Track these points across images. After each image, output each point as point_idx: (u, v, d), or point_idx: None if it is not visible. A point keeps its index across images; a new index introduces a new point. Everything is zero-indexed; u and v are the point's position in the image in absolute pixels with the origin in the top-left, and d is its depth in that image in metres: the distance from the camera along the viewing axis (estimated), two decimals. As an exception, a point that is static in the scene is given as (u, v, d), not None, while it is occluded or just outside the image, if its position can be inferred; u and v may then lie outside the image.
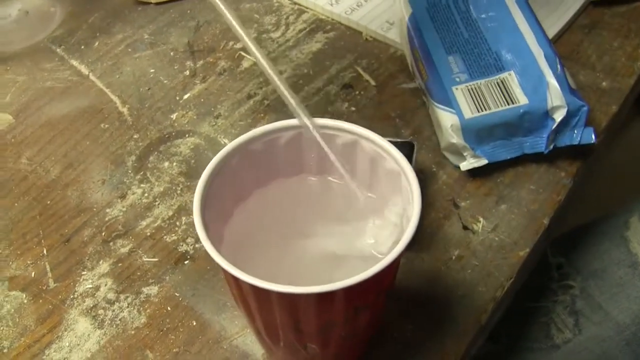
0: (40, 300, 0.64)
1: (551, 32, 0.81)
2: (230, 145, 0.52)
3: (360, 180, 0.54)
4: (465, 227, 0.67)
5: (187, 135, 0.75)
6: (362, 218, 0.53)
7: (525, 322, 0.86)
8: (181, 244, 0.67)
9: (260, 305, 0.49)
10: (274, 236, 0.54)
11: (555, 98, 0.69)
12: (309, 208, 0.56)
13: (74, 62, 0.83)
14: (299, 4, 0.87)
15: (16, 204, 0.70)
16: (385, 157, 0.52)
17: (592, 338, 0.82)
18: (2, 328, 0.62)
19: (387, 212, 0.53)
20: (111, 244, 0.67)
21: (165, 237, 0.67)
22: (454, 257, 0.65)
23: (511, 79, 0.71)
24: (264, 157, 0.54)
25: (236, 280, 0.46)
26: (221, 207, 0.52)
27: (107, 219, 0.69)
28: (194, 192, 0.68)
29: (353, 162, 0.54)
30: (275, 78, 0.52)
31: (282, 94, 0.51)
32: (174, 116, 0.77)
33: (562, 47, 0.81)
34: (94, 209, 0.69)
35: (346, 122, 0.53)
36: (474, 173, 0.70)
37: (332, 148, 0.54)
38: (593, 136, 0.70)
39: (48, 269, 0.65)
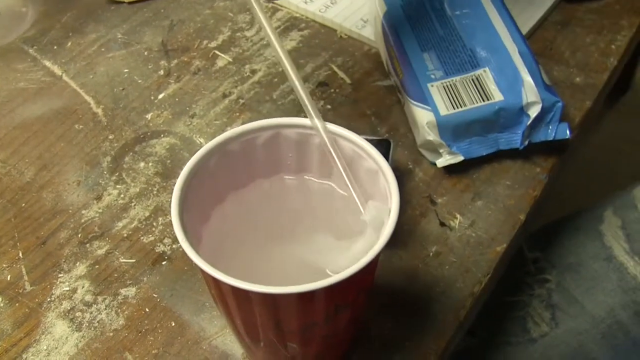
0: (17, 304, 0.63)
1: (525, 29, 0.81)
2: (208, 146, 0.52)
3: (339, 181, 0.54)
4: (442, 224, 0.67)
5: (162, 135, 0.74)
6: (342, 219, 0.53)
7: (503, 316, 0.86)
8: (158, 244, 0.66)
9: (240, 306, 0.48)
10: (253, 238, 0.54)
11: (530, 94, 0.69)
12: (288, 208, 0.56)
13: (47, 63, 0.82)
14: (274, 2, 0.87)
15: (-10, 207, 0.70)
16: (363, 157, 0.52)
17: (568, 331, 0.82)
18: (-22, 332, 0.62)
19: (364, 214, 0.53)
20: (88, 245, 0.66)
21: (142, 238, 0.67)
22: (431, 254, 0.65)
23: (486, 75, 0.71)
24: (241, 157, 0.54)
25: (215, 281, 0.45)
26: (199, 208, 0.52)
27: (83, 220, 0.68)
28: (170, 193, 0.68)
29: (331, 163, 0.54)
30: (294, 78, 0.52)
31: (297, 92, 0.52)
32: (149, 116, 0.76)
33: (535, 43, 0.82)
34: (70, 211, 0.69)
35: (326, 123, 0.53)
36: (450, 170, 0.70)
37: (309, 148, 0.54)
38: (568, 131, 0.70)
39: (24, 272, 0.65)
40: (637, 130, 1.78)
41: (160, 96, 0.78)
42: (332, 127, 0.52)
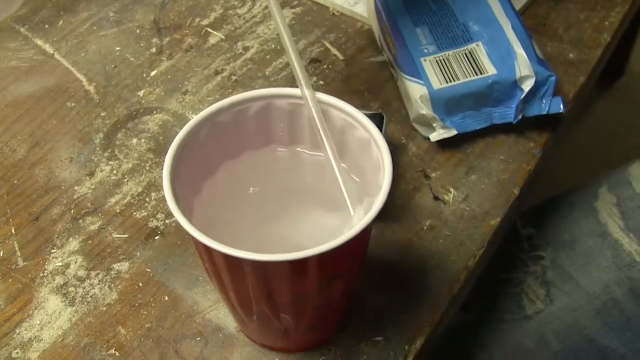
0: (10, 280, 0.63)
1: (518, 5, 0.81)
2: (199, 117, 0.51)
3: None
4: (436, 198, 0.67)
5: (154, 112, 0.74)
6: (334, 190, 0.53)
7: (497, 293, 0.86)
8: (151, 219, 0.66)
9: (233, 276, 0.48)
10: (244, 209, 0.54)
11: (524, 68, 0.69)
12: (279, 180, 0.56)
13: (39, 42, 0.82)
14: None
15: (-18, 184, 0.70)
16: (355, 126, 0.51)
17: (563, 308, 0.82)
18: (-29, 308, 0.61)
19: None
20: (80, 221, 0.66)
21: (135, 213, 0.67)
22: (425, 228, 0.65)
23: (479, 49, 0.71)
24: (232, 129, 0.53)
25: (208, 250, 0.45)
26: (191, 180, 0.52)
27: (75, 196, 0.68)
28: (162, 168, 0.68)
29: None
30: (290, 48, 0.51)
31: (290, 60, 0.52)
32: (141, 93, 0.76)
33: (529, 19, 0.82)
34: (62, 187, 0.69)
35: (316, 92, 0.53)
36: (443, 144, 0.70)
37: (301, 119, 0.53)
38: (561, 106, 0.70)
39: (17, 248, 0.65)
40: (631, 114, 1.78)
41: (153, 73, 0.78)
42: (322, 96, 0.52)
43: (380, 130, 0.65)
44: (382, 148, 0.49)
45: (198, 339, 0.59)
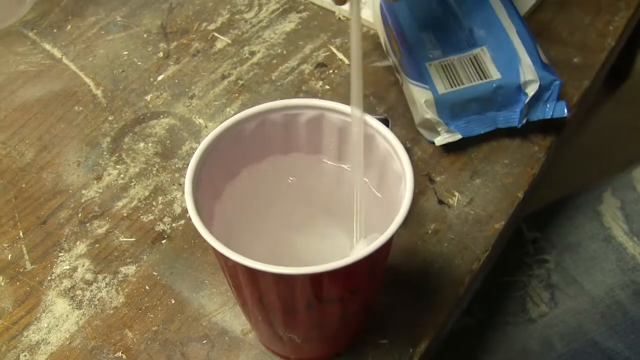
0: (18, 283, 0.63)
1: (523, 10, 0.81)
2: (223, 125, 0.52)
3: (328, 153, 0.55)
4: (440, 202, 0.67)
5: (161, 116, 0.75)
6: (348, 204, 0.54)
7: (502, 296, 0.87)
8: (158, 223, 0.67)
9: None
10: (265, 214, 0.55)
11: (528, 72, 0.69)
12: (300, 187, 0.56)
13: (47, 46, 0.82)
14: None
15: (-9, 188, 0.70)
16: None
17: (567, 311, 0.83)
18: (-21, 311, 0.62)
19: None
20: (88, 225, 0.67)
21: (141, 217, 0.67)
22: (430, 231, 0.65)
23: (484, 54, 0.71)
24: (255, 137, 0.54)
25: (230, 264, 0.46)
26: (211, 185, 0.52)
27: (83, 200, 0.69)
28: (170, 172, 0.69)
29: (319, 136, 0.54)
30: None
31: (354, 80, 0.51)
32: (148, 97, 0.76)
33: (533, 24, 0.82)
34: (70, 191, 0.69)
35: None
36: (448, 148, 0.71)
37: (297, 126, 0.54)
38: (565, 110, 0.71)
39: (25, 252, 0.65)
40: (636, 117, 1.78)
41: (160, 78, 0.78)
42: (315, 101, 0.54)
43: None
44: (404, 161, 0.49)
45: (204, 342, 0.59)
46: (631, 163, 0.90)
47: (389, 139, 0.51)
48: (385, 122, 0.67)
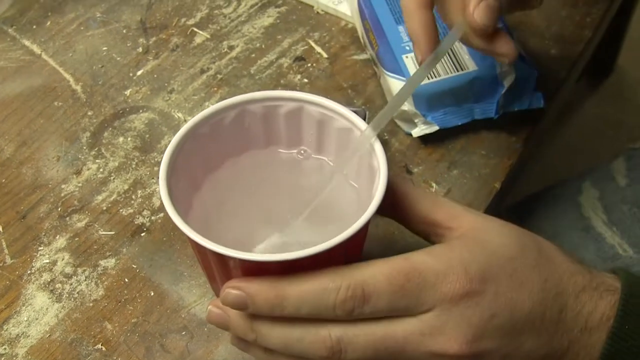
0: (-3, 277, 0.64)
1: (500, 2, 0.82)
2: (202, 114, 0.52)
3: (308, 146, 0.55)
4: (418, 192, 0.68)
5: (141, 111, 0.75)
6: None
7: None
8: (137, 216, 0.67)
9: (204, 263, 0.50)
10: (242, 208, 0.55)
11: (504, 64, 0.70)
12: (279, 180, 0.57)
13: (26, 42, 0.83)
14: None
15: (-29, 183, 0.70)
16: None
17: (547, 301, 0.83)
18: (-41, 305, 0.62)
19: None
20: (67, 219, 0.67)
21: (121, 210, 0.67)
22: (407, 222, 0.66)
23: (460, 46, 0.72)
24: (234, 129, 0.54)
25: (192, 242, 0.46)
26: (190, 176, 0.52)
27: (62, 194, 0.69)
28: (149, 166, 0.69)
29: (298, 128, 0.55)
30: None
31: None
32: (127, 92, 0.77)
33: (512, 16, 0.82)
34: (50, 185, 0.69)
35: (288, 91, 0.54)
36: (425, 140, 0.71)
37: (276, 117, 0.54)
38: (542, 101, 0.71)
39: (4, 246, 0.65)
40: (620, 111, 1.79)
41: (139, 73, 0.79)
42: (295, 93, 0.54)
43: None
44: (379, 155, 0.50)
45: (183, 333, 0.60)
46: (614, 157, 0.91)
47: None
48: (362, 114, 0.67)
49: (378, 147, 0.50)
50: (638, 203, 0.84)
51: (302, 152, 0.56)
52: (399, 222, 0.54)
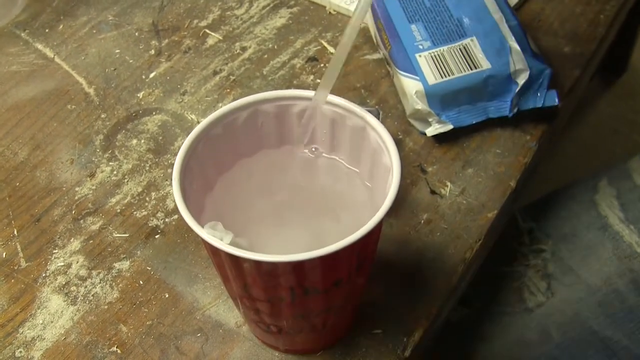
0: (12, 280, 0.64)
1: (513, 1, 0.82)
2: (214, 114, 0.52)
3: (321, 145, 0.55)
4: (433, 192, 0.68)
5: (154, 113, 0.75)
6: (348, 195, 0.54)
7: (499, 287, 0.87)
8: (151, 218, 0.67)
9: (219, 266, 0.49)
10: (255, 208, 0.55)
11: (518, 62, 0.70)
12: (292, 180, 0.56)
13: (39, 46, 0.83)
14: None
15: (-15, 187, 0.71)
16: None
17: (564, 300, 0.83)
18: (-26, 308, 0.62)
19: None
20: (81, 221, 0.67)
21: (135, 212, 0.67)
22: (422, 222, 0.66)
23: (473, 44, 0.71)
24: (247, 129, 0.54)
25: (215, 252, 0.46)
26: (203, 176, 0.52)
27: (76, 197, 0.69)
28: (162, 168, 0.69)
29: (312, 127, 0.54)
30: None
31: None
32: (140, 94, 0.77)
33: (524, 14, 0.82)
34: (64, 189, 0.70)
35: (300, 90, 0.53)
36: (440, 139, 0.71)
37: (288, 117, 0.54)
38: (556, 99, 0.71)
39: (19, 249, 0.65)
40: (634, 110, 1.77)
41: (152, 75, 0.79)
42: (308, 93, 0.53)
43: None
44: (392, 154, 0.49)
45: (198, 335, 0.60)
46: (629, 156, 0.90)
47: (379, 131, 0.51)
48: (375, 114, 0.67)
49: (391, 146, 0.50)
50: (655, 201, 0.83)
51: (314, 149, 0.56)
52: None
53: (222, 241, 0.45)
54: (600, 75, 1.75)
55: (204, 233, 0.45)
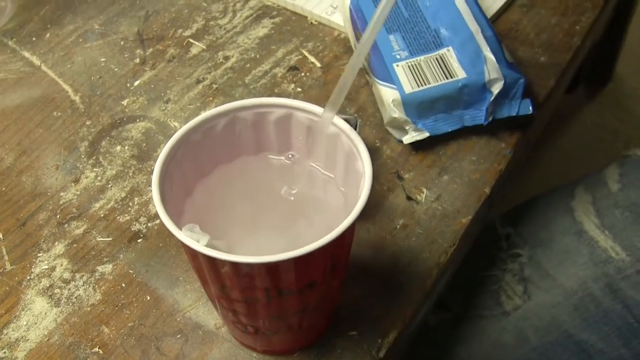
0: (-2, 283, 0.65)
1: (490, 12, 0.83)
2: (194, 121, 0.53)
3: (297, 150, 0.57)
4: (409, 198, 0.69)
5: (138, 120, 0.76)
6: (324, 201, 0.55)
7: (476, 291, 0.88)
8: (134, 223, 0.68)
9: (195, 266, 0.51)
10: (234, 213, 0.56)
11: (492, 71, 0.71)
12: (270, 186, 0.58)
13: (26, 54, 0.84)
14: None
15: (-28, 192, 0.72)
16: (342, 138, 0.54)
17: (541, 304, 0.84)
18: (-40, 310, 0.64)
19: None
20: (66, 226, 0.68)
21: (118, 217, 0.69)
22: (398, 227, 0.67)
23: (450, 54, 0.73)
24: (225, 135, 0.55)
25: (193, 254, 0.48)
26: (183, 181, 0.54)
27: (61, 202, 0.70)
28: (146, 174, 0.70)
29: (288, 135, 0.56)
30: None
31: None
32: (125, 102, 0.78)
33: (501, 25, 0.84)
34: (49, 194, 0.71)
35: (277, 98, 0.55)
36: (416, 146, 0.73)
37: (266, 124, 0.55)
38: (531, 107, 0.73)
39: (4, 252, 0.67)
40: (618, 120, 1.79)
41: (136, 83, 0.80)
42: (285, 100, 0.55)
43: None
44: (364, 159, 0.51)
45: (179, 336, 0.61)
46: (608, 164, 0.92)
47: (351, 138, 0.53)
48: (354, 122, 0.69)
49: (363, 152, 0.51)
50: (630, 207, 0.85)
51: (291, 156, 0.58)
52: None
53: (198, 243, 0.46)
54: (586, 85, 1.77)
55: (181, 235, 0.47)
